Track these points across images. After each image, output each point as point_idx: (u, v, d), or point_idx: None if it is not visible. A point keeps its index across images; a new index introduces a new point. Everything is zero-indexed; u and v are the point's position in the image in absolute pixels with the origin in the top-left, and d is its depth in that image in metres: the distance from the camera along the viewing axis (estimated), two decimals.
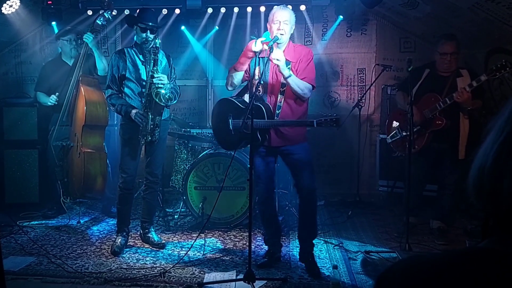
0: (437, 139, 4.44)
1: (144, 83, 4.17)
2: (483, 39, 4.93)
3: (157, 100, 4.04)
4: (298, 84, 3.71)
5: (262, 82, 3.77)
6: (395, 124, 4.77)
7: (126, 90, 4.22)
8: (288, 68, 3.73)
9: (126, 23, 4.77)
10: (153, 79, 4.05)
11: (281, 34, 3.73)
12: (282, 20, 3.75)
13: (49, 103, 5.12)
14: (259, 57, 3.79)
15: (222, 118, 3.87)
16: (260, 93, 3.83)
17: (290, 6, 4.30)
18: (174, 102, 4.18)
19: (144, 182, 4.49)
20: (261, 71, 3.78)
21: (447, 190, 4.58)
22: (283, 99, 3.79)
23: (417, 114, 4.42)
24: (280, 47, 3.82)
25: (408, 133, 4.26)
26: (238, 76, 3.94)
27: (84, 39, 4.81)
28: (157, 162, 4.39)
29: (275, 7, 3.93)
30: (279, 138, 3.83)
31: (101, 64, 4.94)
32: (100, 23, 4.82)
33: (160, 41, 4.14)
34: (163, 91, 4.05)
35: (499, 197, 0.75)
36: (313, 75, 3.85)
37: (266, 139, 3.77)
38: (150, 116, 4.10)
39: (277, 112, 3.78)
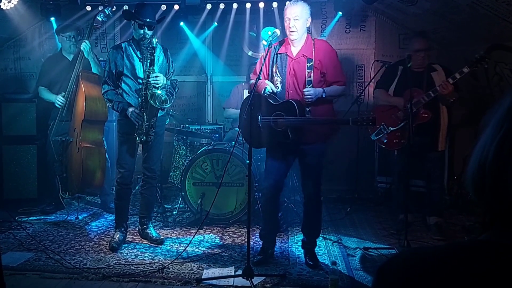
0: (420, 133, 4.46)
1: (141, 81, 4.16)
2: (482, 36, 4.92)
3: (151, 102, 4.04)
4: (332, 95, 3.74)
5: (279, 78, 3.74)
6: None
7: (123, 86, 4.21)
8: (310, 65, 3.67)
9: (124, 18, 4.77)
10: (149, 79, 4.05)
11: (291, 32, 3.67)
12: (292, 16, 3.66)
13: (57, 104, 5.05)
14: (277, 54, 3.72)
15: (251, 115, 3.63)
16: (279, 90, 3.76)
17: None
18: (168, 105, 4.17)
19: (142, 178, 4.49)
20: (279, 68, 3.75)
21: (434, 184, 4.67)
22: None
23: (402, 110, 4.51)
24: (296, 45, 3.77)
25: (395, 128, 4.40)
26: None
27: (81, 48, 4.80)
28: (154, 158, 4.39)
29: (287, 3, 3.84)
30: (305, 134, 3.74)
31: (96, 71, 4.94)
32: (100, 20, 4.82)
33: (156, 40, 4.12)
34: (158, 91, 4.03)
35: (502, 192, 0.75)
36: (342, 73, 3.85)
37: (297, 137, 3.69)
38: (146, 116, 4.10)
39: (308, 109, 3.69)
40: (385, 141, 4.67)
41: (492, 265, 0.72)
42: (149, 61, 4.07)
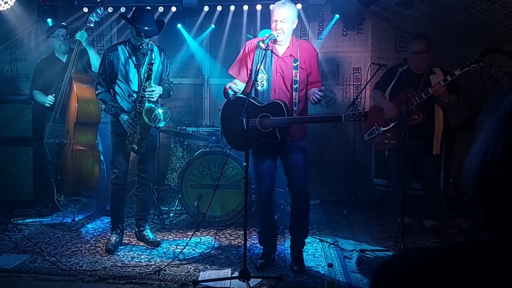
0: (413, 135, 4.47)
1: (132, 85, 4.15)
2: (478, 39, 4.94)
3: (146, 119, 4.04)
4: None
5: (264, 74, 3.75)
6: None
7: (116, 88, 4.20)
8: (296, 65, 3.69)
9: (122, 19, 4.76)
10: (145, 93, 4.05)
11: (278, 34, 3.67)
12: (280, 19, 3.65)
13: (47, 104, 5.09)
14: (264, 50, 3.68)
15: (233, 118, 3.59)
16: (264, 87, 3.77)
17: None
18: (162, 124, 4.17)
19: (137, 179, 4.48)
20: (265, 66, 3.75)
21: (432, 187, 4.68)
22: (297, 96, 3.70)
23: (394, 110, 4.54)
24: (282, 45, 3.78)
25: (386, 128, 4.47)
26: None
27: (77, 38, 4.80)
28: (149, 159, 4.38)
29: (275, 3, 3.83)
30: (286, 133, 3.74)
31: (96, 62, 4.91)
32: (92, 20, 4.81)
33: (154, 56, 4.08)
34: (160, 110, 4.04)
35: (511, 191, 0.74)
36: (320, 75, 3.97)
37: (284, 137, 3.68)
38: (139, 129, 4.10)
39: (295, 108, 3.70)
40: (376, 140, 4.72)
41: (492, 266, 0.71)
42: (146, 75, 4.06)
